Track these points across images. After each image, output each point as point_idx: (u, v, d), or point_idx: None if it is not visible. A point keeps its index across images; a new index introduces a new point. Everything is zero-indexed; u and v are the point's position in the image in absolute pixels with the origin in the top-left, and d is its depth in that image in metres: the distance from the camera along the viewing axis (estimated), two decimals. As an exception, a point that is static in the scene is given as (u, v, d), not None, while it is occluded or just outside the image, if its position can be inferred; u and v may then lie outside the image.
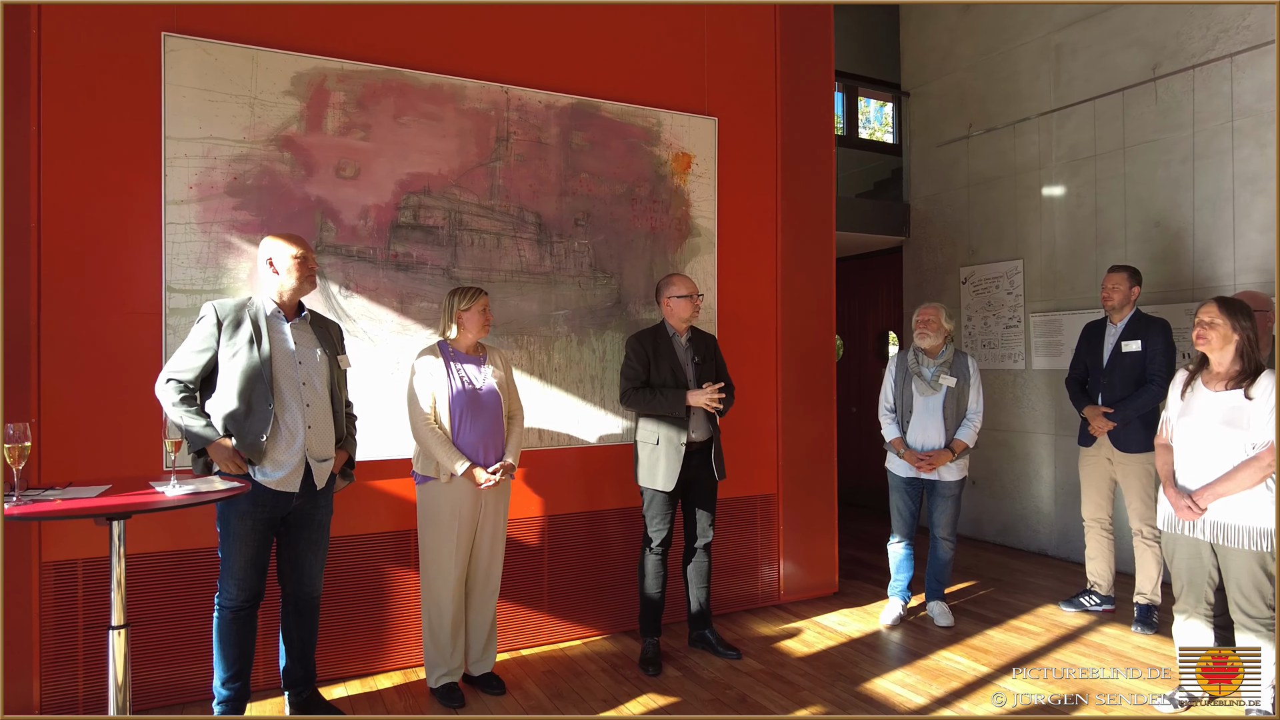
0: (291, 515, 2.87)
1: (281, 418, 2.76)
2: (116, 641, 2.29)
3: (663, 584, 3.62)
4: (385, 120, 3.52)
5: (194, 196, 3.18)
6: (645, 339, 3.60)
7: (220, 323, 2.73)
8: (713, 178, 4.23)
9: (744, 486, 4.31)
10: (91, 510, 2.19)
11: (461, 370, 3.20)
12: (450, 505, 3.16)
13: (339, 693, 3.30)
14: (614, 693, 3.32)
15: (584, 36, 3.94)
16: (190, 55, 3.18)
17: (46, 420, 2.99)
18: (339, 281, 3.44)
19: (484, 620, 3.34)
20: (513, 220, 3.76)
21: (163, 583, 3.14)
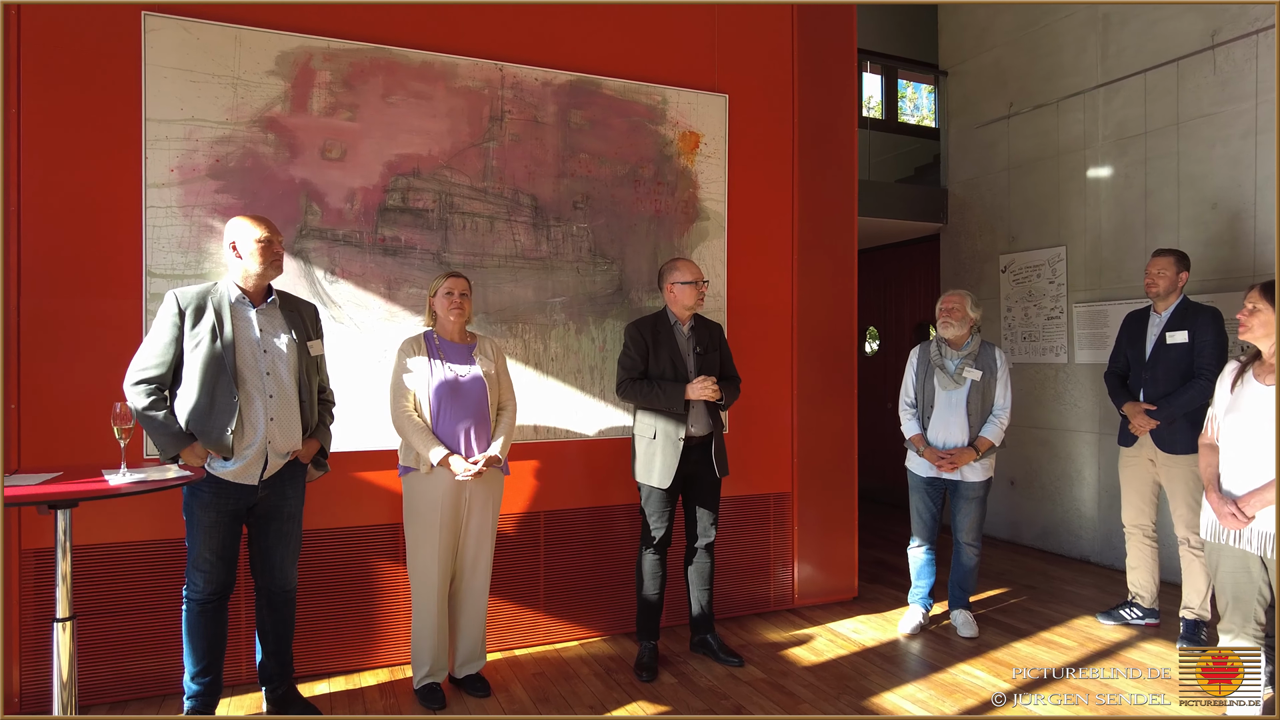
0: (258, 507, 2.77)
1: (244, 410, 2.66)
2: (61, 636, 2.22)
3: (661, 585, 3.44)
4: (373, 100, 3.40)
5: (175, 179, 3.11)
6: (644, 327, 3.42)
7: (182, 311, 2.63)
8: (723, 158, 4.01)
9: (755, 484, 4.10)
10: (33, 497, 2.11)
11: (444, 359, 3.06)
12: (431, 497, 3.03)
13: (321, 689, 3.21)
14: (602, 698, 3.15)
15: (583, 11, 3.76)
16: (171, 34, 3.10)
17: (26, 405, 2.96)
18: (324, 266, 3.34)
19: (472, 620, 3.20)
20: (507, 203, 3.61)
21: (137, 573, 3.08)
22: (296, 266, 3.29)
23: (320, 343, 2.94)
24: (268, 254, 2.70)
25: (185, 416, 2.62)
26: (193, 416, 2.62)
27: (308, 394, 2.83)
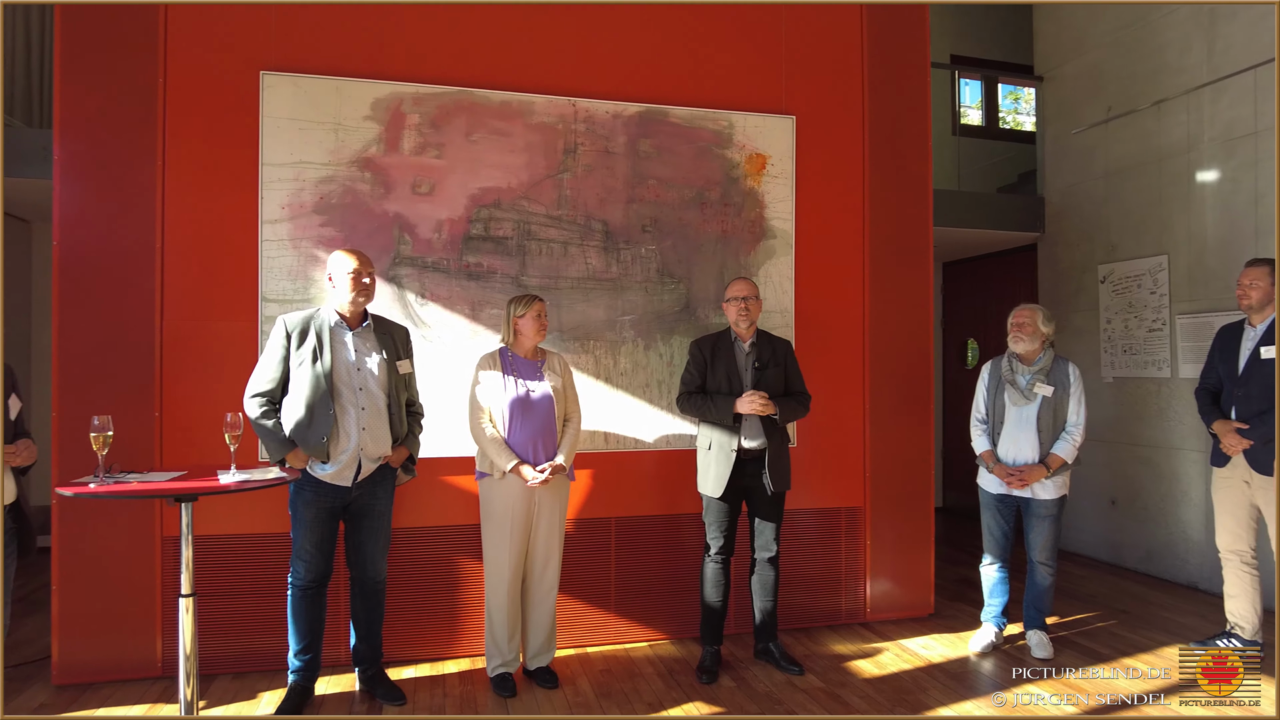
0: (352, 505, 3.12)
1: (339, 421, 3.02)
2: (185, 611, 2.59)
3: (723, 593, 3.57)
4: (457, 138, 3.74)
5: (285, 215, 3.55)
6: (705, 344, 3.58)
7: (289, 334, 3.03)
8: (790, 177, 4.12)
9: (826, 498, 4.15)
10: (158, 491, 2.51)
11: (517, 375, 3.34)
12: (504, 501, 3.30)
13: (408, 674, 3.53)
14: (661, 697, 3.32)
15: (652, 44, 3.98)
16: (283, 89, 3.54)
17: (166, 413, 3.44)
18: (415, 291, 3.69)
19: (542, 616, 3.45)
20: (580, 229, 3.86)
21: (252, 561, 3.51)
22: (391, 291, 3.66)
23: (409, 362, 3.27)
24: (357, 284, 3.05)
25: (290, 425, 3.01)
26: (296, 426, 3.00)
27: (396, 407, 3.16)
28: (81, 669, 3.36)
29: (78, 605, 3.35)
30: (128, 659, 3.39)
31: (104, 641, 3.37)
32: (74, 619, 3.35)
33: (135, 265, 3.42)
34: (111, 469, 2.61)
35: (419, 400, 3.36)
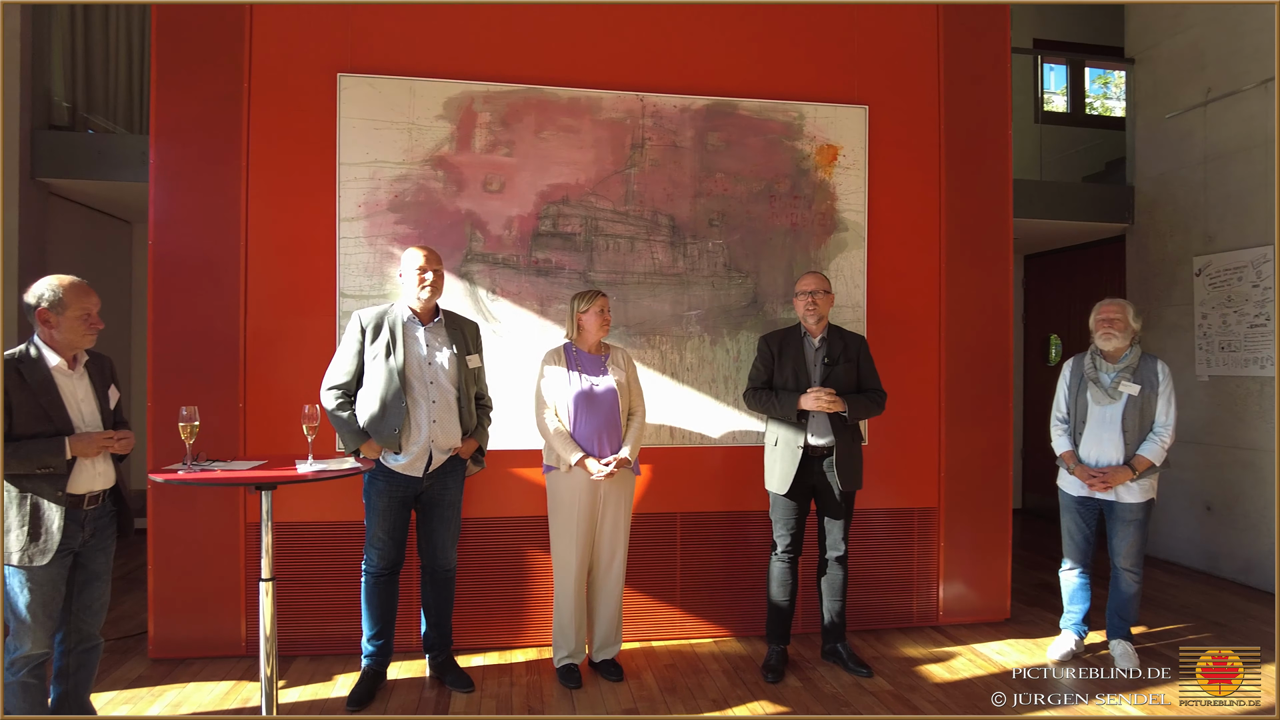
0: (424, 495, 3.20)
1: (411, 413, 3.10)
2: (265, 595, 2.70)
3: (790, 592, 3.53)
4: (527, 136, 3.78)
5: (362, 214, 3.66)
6: (773, 339, 3.54)
7: (364, 329, 3.13)
8: (863, 169, 4.03)
9: (899, 498, 4.06)
10: (239, 480, 2.62)
11: (581, 369, 3.36)
12: (569, 493, 3.34)
13: (477, 661, 3.61)
14: (726, 694, 3.30)
15: (721, 36, 3.94)
16: (359, 91, 3.65)
17: (250, 405, 3.60)
18: (486, 286, 3.76)
19: (608, 609, 3.47)
20: (646, 224, 3.86)
21: (328, 547, 3.63)
22: (463, 287, 3.73)
23: (478, 357, 3.33)
24: (422, 281, 3.12)
25: (365, 417, 3.10)
26: (370, 418, 3.09)
27: (465, 400, 3.23)
28: (174, 644, 3.55)
29: (171, 585, 3.54)
30: (215, 637, 3.57)
31: (194, 620, 3.55)
32: (167, 598, 3.54)
33: (222, 264, 3.58)
34: (198, 457, 2.74)
35: (488, 394, 3.42)
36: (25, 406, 2.44)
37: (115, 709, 3.09)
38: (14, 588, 2.47)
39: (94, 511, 2.58)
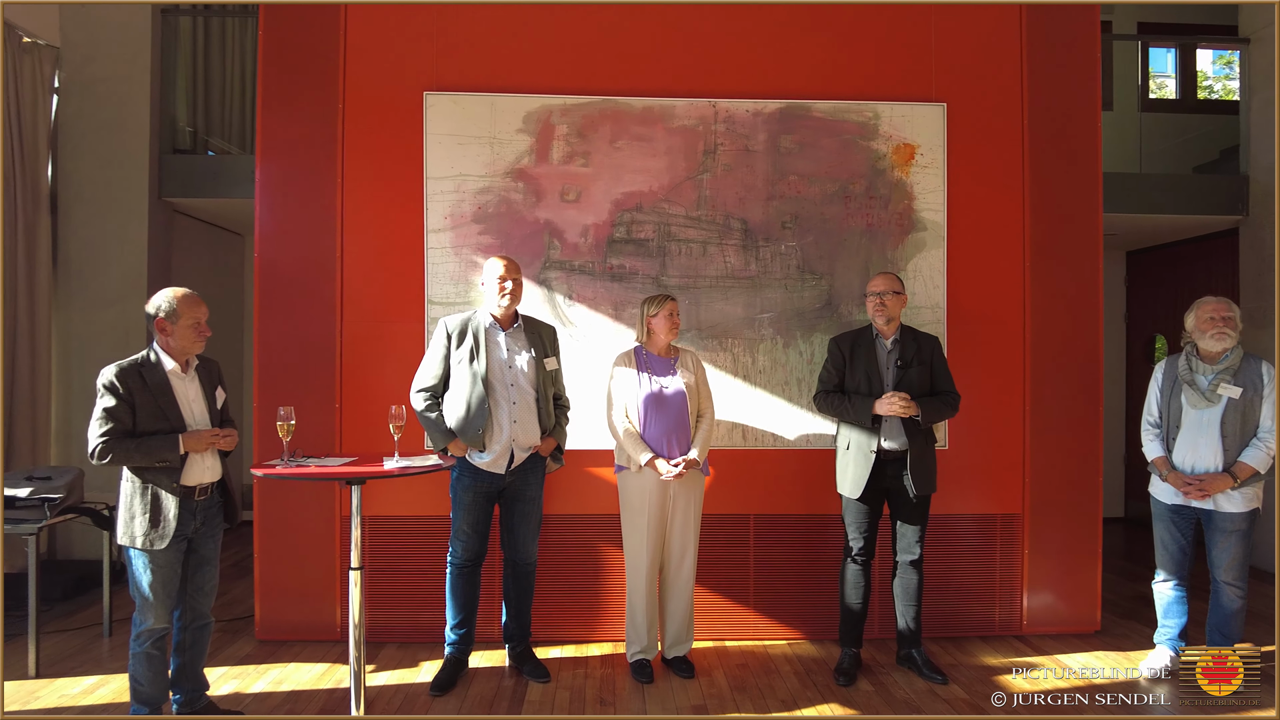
0: (506, 490, 3.36)
1: (493, 414, 3.26)
2: (354, 584, 2.89)
3: (863, 595, 3.51)
4: (602, 146, 3.90)
5: (447, 225, 3.85)
6: (844, 341, 3.53)
7: (450, 336, 3.31)
8: (941, 167, 3.96)
9: (981, 503, 3.97)
10: (330, 475, 2.83)
11: (651, 372, 3.45)
12: (640, 493, 3.42)
13: (554, 654, 3.74)
14: (796, 695, 3.32)
15: (793, 39, 3.96)
16: (444, 107, 3.85)
17: (346, 405, 3.84)
18: (563, 292, 3.89)
19: (679, 606, 3.54)
20: (719, 228, 3.92)
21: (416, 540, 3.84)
22: (541, 293, 3.88)
23: (555, 359, 3.47)
24: (502, 289, 3.28)
25: (451, 418, 3.28)
26: (456, 418, 3.27)
27: (544, 401, 3.37)
28: (278, 627, 3.83)
29: (275, 573, 3.82)
30: (314, 622, 3.83)
31: (295, 605, 3.82)
32: (272, 585, 3.83)
33: (320, 274, 3.84)
34: (296, 453, 2.96)
35: (566, 394, 3.55)
36: (146, 406, 2.71)
37: (225, 683, 3.37)
38: (138, 569, 2.74)
39: (204, 502, 2.84)
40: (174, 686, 2.96)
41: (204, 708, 3.01)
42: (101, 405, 2.67)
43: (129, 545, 2.73)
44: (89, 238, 4.97)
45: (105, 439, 2.65)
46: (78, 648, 3.79)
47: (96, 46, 4.97)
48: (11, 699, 3.23)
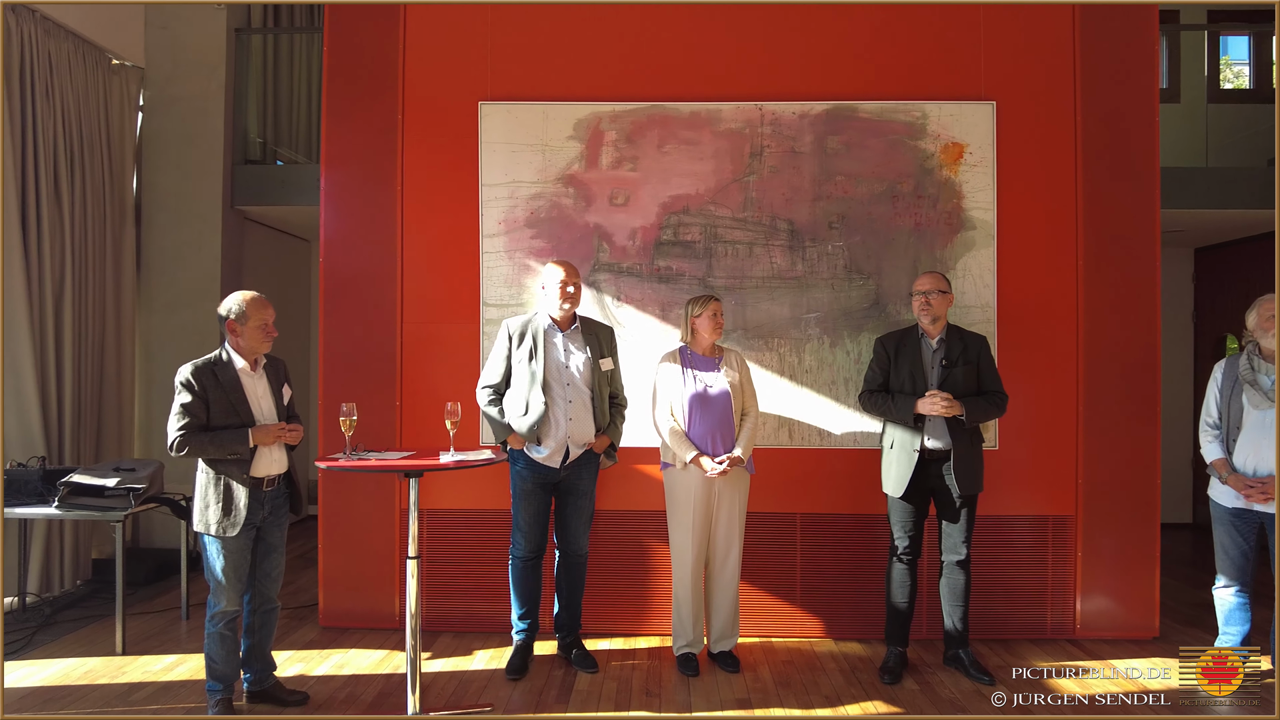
0: (561, 484, 3.48)
1: (550, 411, 3.38)
2: (410, 575, 3.03)
3: (909, 594, 3.52)
4: (650, 151, 3.99)
5: (501, 230, 3.99)
6: (889, 341, 3.55)
7: (511, 336, 3.45)
8: (990, 165, 3.93)
9: (1032, 504, 3.92)
10: (389, 468, 2.98)
11: (695, 371, 3.52)
12: (685, 490, 3.50)
13: (603, 645, 3.83)
14: (840, 692, 3.34)
15: (839, 41, 3.98)
16: (498, 117, 3.99)
17: (405, 402, 4.01)
18: (612, 294, 3.99)
19: (724, 602, 3.60)
20: (765, 229, 3.96)
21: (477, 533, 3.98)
22: (591, 295, 3.98)
23: (611, 360, 3.57)
24: (564, 293, 3.40)
25: (512, 414, 3.42)
26: (515, 414, 3.41)
27: (599, 400, 3.48)
28: (340, 615, 4.02)
29: (337, 563, 4.01)
30: (374, 610, 4.00)
31: (356, 594, 4.01)
32: (335, 574, 4.02)
33: (381, 277, 4.02)
34: (357, 448, 3.13)
35: (623, 393, 3.65)
36: (219, 403, 2.90)
37: (291, 665, 3.56)
38: (212, 555, 2.94)
39: (271, 492, 3.02)
40: (244, 666, 3.15)
41: (271, 687, 3.19)
42: (179, 401, 2.87)
43: (204, 532, 2.92)
44: (168, 244, 5.28)
45: (182, 432, 2.84)
46: (159, 628, 4.05)
47: (177, 67, 5.28)
48: (100, 673, 3.49)
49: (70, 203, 4.59)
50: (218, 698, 3.03)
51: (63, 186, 4.54)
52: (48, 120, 4.44)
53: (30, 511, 3.82)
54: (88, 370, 4.73)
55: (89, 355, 4.74)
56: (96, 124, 4.82)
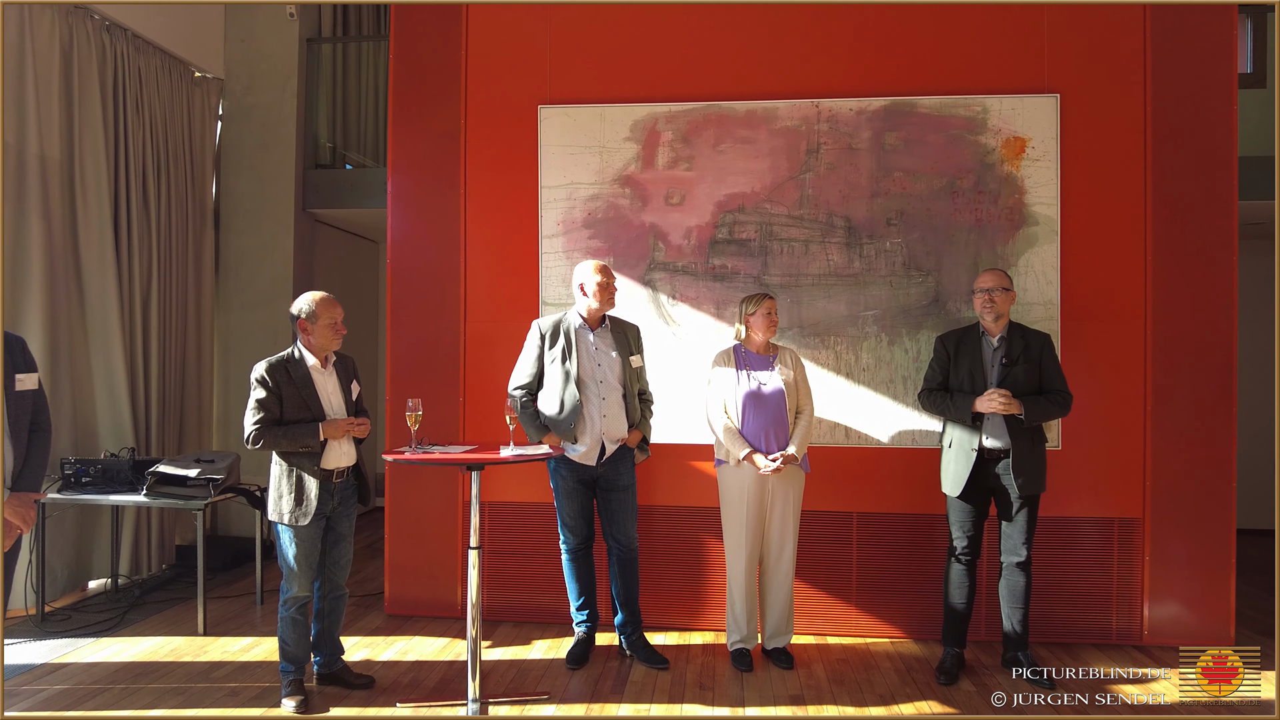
0: (600, 480, 3.54)
1: (585, 409, 3.44)
2: (472, 566, 3.14)
3: (967, 595, 3.48)
4: (706, 150, 4.02)
5: (560, 231, 4.08)
6: (949, 339, 3.51)
7: (544, 336, 3.52)
8: (1054, 159, 3.85)
9: (1097, 506, 3.83)
10: (451, 461, 3.09)
11: (749, 369, 3.54)
12: (739, 487, 3.52)
13: (658, 639, 3.87)
14: (894, 691, 3.33)
15: (897, 36, 3.95)
16: (557, 120, 4.07)
17: (469, 398, 4.13)
18: (667, 293, 4.04)
19: (779, 599, 3.62)
20: (821, 226, 3.96)
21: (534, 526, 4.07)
22: (646, 294, 4.04)
23: (640, 357, 3.62)
24: (604, 294, 3.46)
25: (546, 413, 3.49)
26: (551, 413, 3.48)
27: (630, 396, 3.54)
28: (405, 603, 4.17)
29: (403, 553, 4.16)
30: (437, 599, 4.14)
31: (421, 583, 4.15)
32: (400, 564, 4.17)
33: (445, 278, 4.15)
34: (423, 442, 3.25)
35: (649, 389, 3.70)
36: (292, 398, 3.05)
37: (358, 651, 3.72)
38: (285, 543, 3.09)
39: (340, 484, 3.16)
40: (315, 649, 3.31)
41: (340, 670, 3.34)
42: (254, 397, 3.03)
43: (277, 521, 3.08)
44: (245, 247, 5.54)
45: (257, 426, 3.00)
46: (235, 612, 4.26)
47: (254, 77, 5.53)
48: (184, 652, 3.70)
49: (157, 209, 4.85)
50: (290, 678, 3.18)
51: (150, 194, 4.80)
52: (137, 132, 4.70)
53: (122, 499, 4.07)
54: (171, 367, 5.00)
55: (172, 353, 5.01)
56: (180, 134, 5.08)
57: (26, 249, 4.08)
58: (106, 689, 3.31)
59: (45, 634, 3.89)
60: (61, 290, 4.28)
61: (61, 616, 4.15)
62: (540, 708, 3.18)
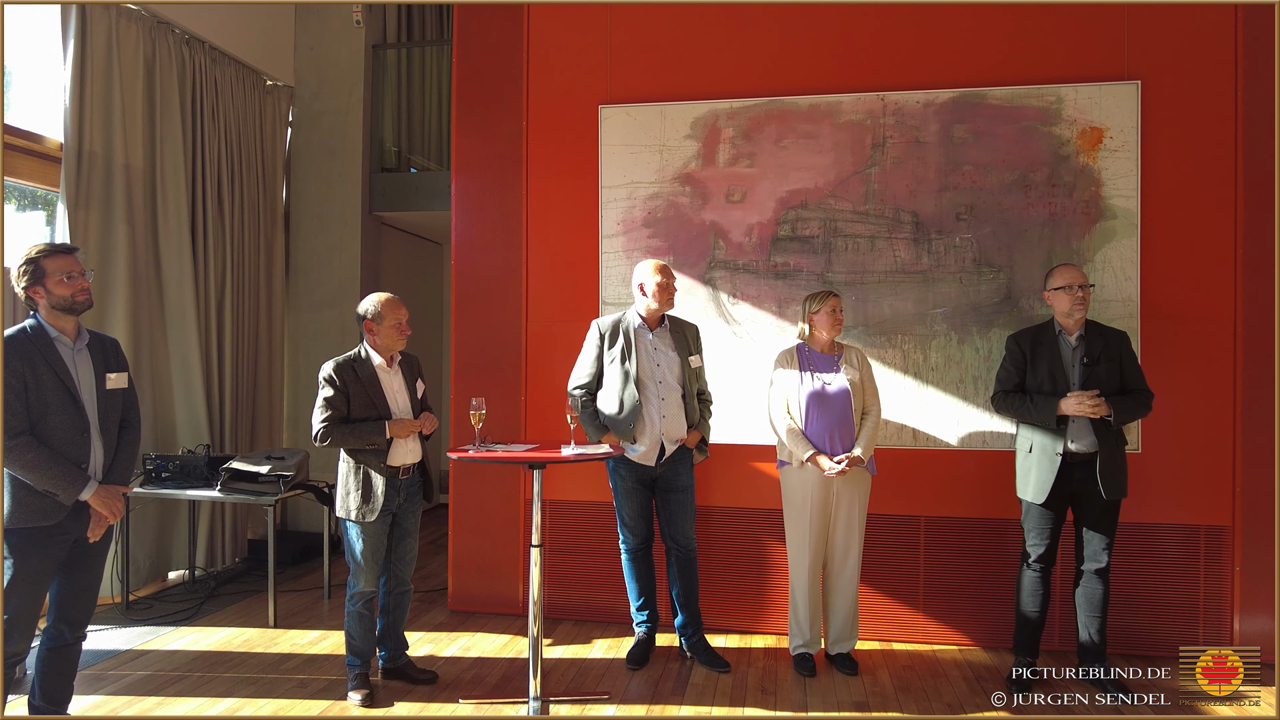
0: (659, 480, 3.52)
1: (644, 410, 3.43)
2: (534, 563, 3.15)
3: (1041, 604, 3.35)
4: (767, 146, 3.97)
5: (620, 230, 4.07)
6: (1024, 338, 3.38)
7: (603, 336, 3.52)
8: (1134, 150, 3.68)
9: (1180, 513, 3.65)
10: (514, 459, 3.11)
11: (813, 369, 3.47)
12: (802, 489, 3.46)
13: (719, 642, 3.84)
14: (962, 700, 3.23)
15: (965, 26, 3.83)
16: (617, 119, 4.07)
17: (530, 396, 4.16)
18: (727, 291, 4.00)
19: (843, 603, 3.54)
20: (887, 222, 3.86)
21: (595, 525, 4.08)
22: (706, 292, 4.01)
23: (699, 357, 3.59)
24: (663, 294, 3.44)
25: (605, 413, 3.49)
26: (610, 413, 3.47)
27: (690, 397, 3.51)
28: (468, 599, 4.22)
29: (466, 550, 4.22)
30: (499, 596, 4.18)
31: (484, 580, 4.20)
32: (463, 560, 4.22)
33: (507, 279, 4.19)
34: (486, 440, 3.28)
35: (708, 389, 3.66)
36: (359, 397, 3.11)
37: (422, 646, 3.77)
38: (352, 538, 3.15)
39: (406, 481, 3.21)
40: (380, 643, 3.37)
41: (404, 665, 3.39)
42: (322, 395, 3.10)
43: (345, 517, 3.14)
44: (313, 249, 5.69)
45: (325, 424, 3.07)
46: (304, 606, 4.37)
47: (323, 84, 5.68)
48: (256, 643, 3.81)
49: (231, 213, 5.02)
50: (356, 672, 3.25)
51: (225, 199, 4.97)
52: (214, 140, 4.87)
53: (198, 494, 4.21)
54: (244, 366, 5.17)
55: (245, 352, 5.18)
56: (253, 140, 5.25)
57: (113, 254, 4.26)
58: (185, 676, 3.43)
59: (130, 621, 4.06)
60: (144, 293, 4.46)
61: (144, 605, 4.32)
62: (601, 708, 3.17)
